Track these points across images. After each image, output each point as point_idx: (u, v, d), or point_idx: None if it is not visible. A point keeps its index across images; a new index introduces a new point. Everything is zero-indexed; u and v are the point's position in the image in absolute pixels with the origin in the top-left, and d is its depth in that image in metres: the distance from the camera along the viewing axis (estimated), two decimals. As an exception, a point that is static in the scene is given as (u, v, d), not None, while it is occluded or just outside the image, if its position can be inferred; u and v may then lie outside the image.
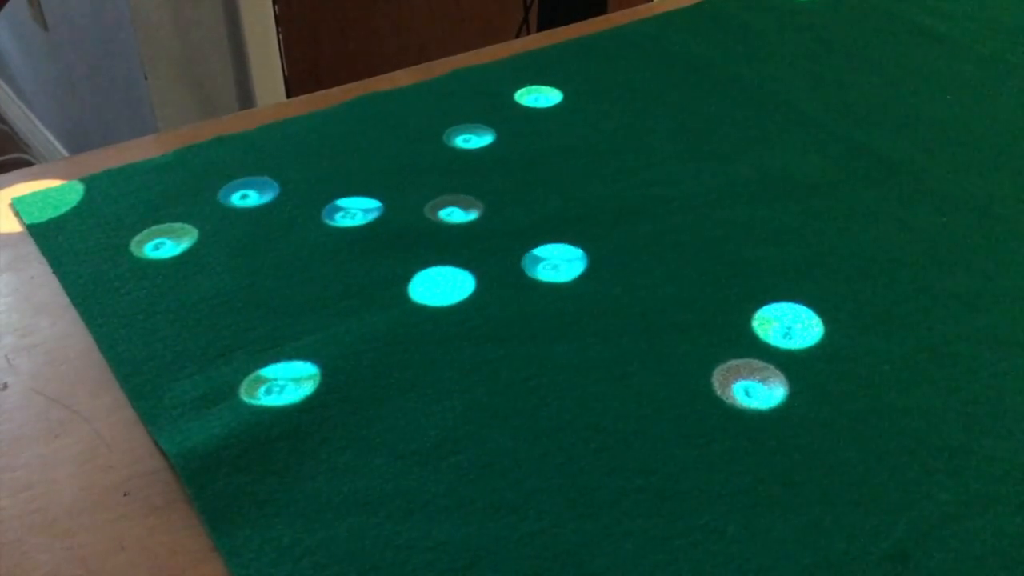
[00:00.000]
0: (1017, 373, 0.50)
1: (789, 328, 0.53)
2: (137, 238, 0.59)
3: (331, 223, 0.61)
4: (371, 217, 0.61)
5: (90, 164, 0.67)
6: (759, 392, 0.49)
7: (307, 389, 0.49)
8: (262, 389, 0.48)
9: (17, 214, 0.61)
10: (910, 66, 0.81)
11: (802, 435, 0.46)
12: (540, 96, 0.75)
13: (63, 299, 0.55)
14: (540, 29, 1.48)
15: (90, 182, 0.64)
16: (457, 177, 0.65)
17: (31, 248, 0.59)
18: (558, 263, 0.57)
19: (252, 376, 0.49)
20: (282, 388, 0.49)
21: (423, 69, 0.79)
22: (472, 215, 0.62)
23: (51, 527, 0.42)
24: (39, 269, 0.57)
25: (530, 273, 0.57)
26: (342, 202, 0.62)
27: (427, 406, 0.48)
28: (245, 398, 0.48)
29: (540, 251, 0.58)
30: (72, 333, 0.53)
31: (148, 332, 0.52)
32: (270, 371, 0.49)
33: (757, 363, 0.51)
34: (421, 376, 0.49)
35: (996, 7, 0.90)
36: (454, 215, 0.62)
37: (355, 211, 0.62)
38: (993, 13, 0.90)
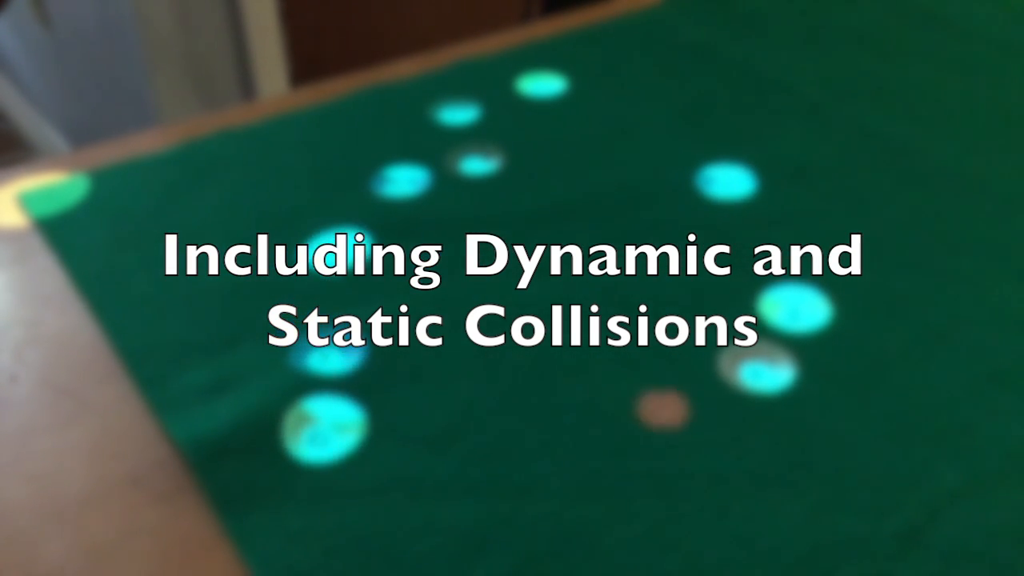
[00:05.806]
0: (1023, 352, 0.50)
1: (796, 310, 0.53)
2: (143, 230, 0.59)
3: (335, 217, 0.61)
4: (381, 202, 0.61)
5: (95, 158, 0.67)
6: (766, 374, 0.49)
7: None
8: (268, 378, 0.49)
9: (23, 209, 0.62)
10: (917, 49, 0.80)
11: (809, 416, 0.47)
12: (543, 83, 0.75)
13: (70, 292, 0.55)
14: (545, 13, 1.47)
15: (95, 176, 0.64)
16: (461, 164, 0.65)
17: (37, 242, 0.59)
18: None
19: (259, 366, 0.49)
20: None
21: (427, 57, 0.79)
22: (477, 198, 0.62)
23: (61, 516, 0.42)
24: (46, 263, 0.57)
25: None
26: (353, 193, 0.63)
27: (434, 392, 0.48)
28: (253, 388, 0.48)
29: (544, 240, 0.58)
30: (80, 325, 0.53)
31: (156, 322, 0.52)
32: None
33: (764, 345, 0.51)
34: (428, 362, 0.50)
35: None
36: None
37: (364, 202, 0.62)
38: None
